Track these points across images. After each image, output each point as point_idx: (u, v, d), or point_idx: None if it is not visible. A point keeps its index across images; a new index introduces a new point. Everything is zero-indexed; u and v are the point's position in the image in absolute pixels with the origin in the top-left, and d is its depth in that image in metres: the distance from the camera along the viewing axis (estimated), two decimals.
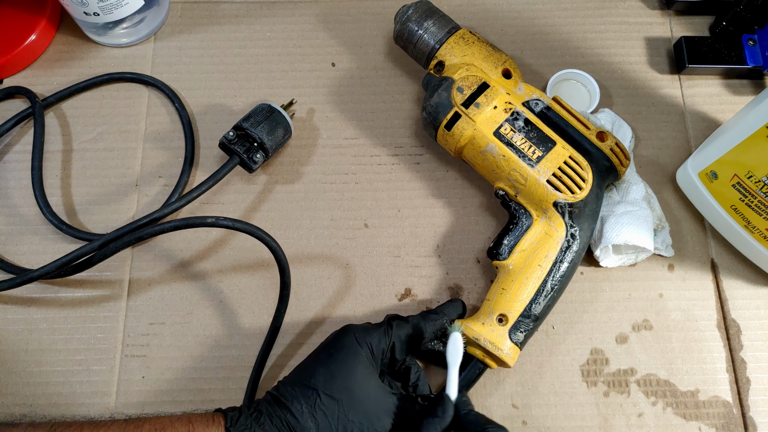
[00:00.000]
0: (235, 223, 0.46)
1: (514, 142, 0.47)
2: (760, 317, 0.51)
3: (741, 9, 0.57)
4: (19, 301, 0.52)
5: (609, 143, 0.48)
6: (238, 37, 0.61)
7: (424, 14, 0.52)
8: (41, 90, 0.58)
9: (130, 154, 0.57)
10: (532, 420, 0.48)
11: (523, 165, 0.47)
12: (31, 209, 0.54)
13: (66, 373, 0.50)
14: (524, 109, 0.48)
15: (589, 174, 0.47)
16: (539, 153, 0.47)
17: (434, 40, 0.52)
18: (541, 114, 0.49)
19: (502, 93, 0.48)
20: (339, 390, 0.40)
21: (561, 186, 0.46)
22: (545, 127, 0.48)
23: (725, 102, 0.58)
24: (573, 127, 0.48)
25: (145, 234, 0.47)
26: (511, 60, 0.51)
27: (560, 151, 0.47)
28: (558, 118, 0.49)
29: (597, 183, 0.47)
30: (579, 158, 0.47)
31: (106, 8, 0.55)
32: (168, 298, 0.52)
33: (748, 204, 0.48)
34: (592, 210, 0.48)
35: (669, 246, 0.52)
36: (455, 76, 0.49)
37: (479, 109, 0.48)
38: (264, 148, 0.52)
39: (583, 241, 0.48)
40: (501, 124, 0.48)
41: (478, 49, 0.50)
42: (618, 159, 0.48)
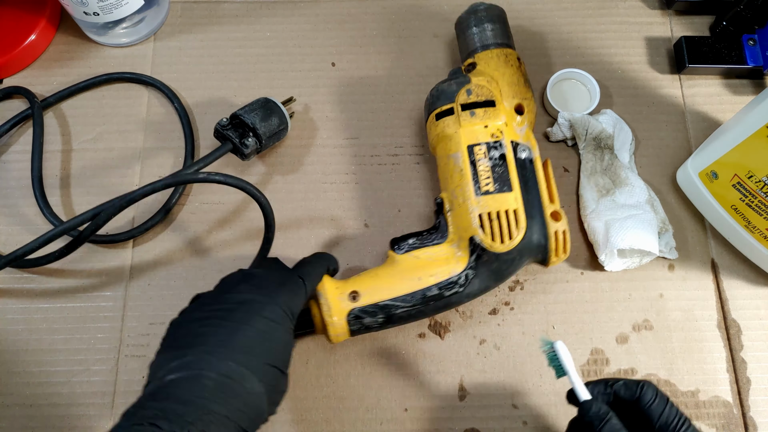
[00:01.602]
0: (227, 178, 0.46)
1: (477, 165, 0.46)
2: (760, 317, 0.51)
3: (741, 9, 0.57)
4: (19, 301, 0.52)
5: (558, 226, 0.46)
6: (237, 37, 0.61)
7: (490, 17, 0.53)
8: (41, 90, 0.58)
9: (130, 154, 0.57)
10: (533, 420, 0.48)
11: (470, 188, 0.46)
12: (31, 209, 0.54)
13: (66, 373, 0.50)
14: (509, 146, 0.47)
15: (518, 237, 0.45)
16: (490, 188, 0.46)
17: (481, 43, 0.52)
18: (520, 161, 0.47)
19: (501, 120, 0.48)
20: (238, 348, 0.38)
21: (486, 227, 0.45)
22: (513, 173, 0.46)
23: (725, 102, 0.58)
24: (538, 191, 0.47)
25: (136, 195, 0.45)
26: (533, 103, 0.50)
27: (509, 199, 0.45)
28: (532, 175, 0.47)
29: (520, 250, 0.45)
30: (520, 218, 0.45)
31: (106, 8, 0.55)
32: (168, 298, 0.52)
33: (749, 204, 0.48)
34: (498, 270, 0.46)
35: (672, 248, 0.52)
36: (474, 79, 0.49)
37: (471, 118, 0.48)
38: (257, 134, 0.52)
39: (472, 289, 0.46)
40: (479, 143, 0.47)
41: (510, 73, 0.50)
42: (554, 245, 0.46)
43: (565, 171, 0.56)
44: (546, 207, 0.46)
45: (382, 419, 0.48)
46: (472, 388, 0.49)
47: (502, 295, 0.52)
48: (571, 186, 0.55)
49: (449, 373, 0.50)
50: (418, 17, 0.62)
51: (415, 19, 0.62)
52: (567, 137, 0.56)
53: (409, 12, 0.62)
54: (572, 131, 0.55)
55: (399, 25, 0.61)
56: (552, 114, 0.57)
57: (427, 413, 0.48)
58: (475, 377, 0.49)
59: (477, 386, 0.49)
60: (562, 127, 0.55)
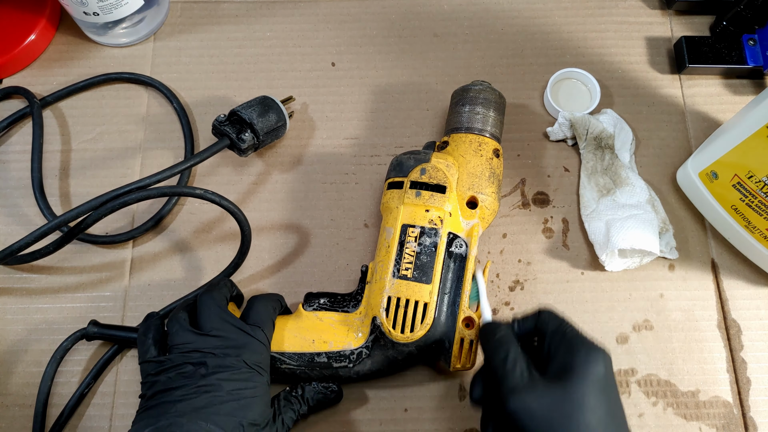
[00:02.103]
0: (221, 199, 0.47)
1: (405, 247, 0.44)
2: (760, 317, 0.51)
3: (741, 9, 0.57)
4: (19, 301, 0.51)
5: (467, 333, 0.43)
6: (237, 37, 0.61)
7: (483, 101, 0.50)
8: (41, 90, 0.58)
9: (130, 154, 0.57)
10: None
11: (390, 268, 0.44)
12: (31, 209, 0.54)
13: (66, 374, 0.49)
14: (444, 237, 0.44)
15: (419, 332, 0.42)
16: (408, 274, 0.44)
17: (461, 124, 0.50)
18: (452, 255, 0.45)
19: (445, 208, 0.45)
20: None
21: (391, 312, 0.43)
22: (438, 265, 0.44)
23: (726, 102, 0.58)
24: (459, 291, 0.44)
25: (130, 200, 0.46)
26: (493, 200, 0.47)
27: (423, 291, 0.43)
28: (460, 273, 0.45)
29: (420, 346, 0.43)
30: (428, 313, 0.43)
31: (106, 8, 0.55)
32: (168, 298, 0.52)
33: (749, 204, 0.48)
34: (394, 359, 0.44)
35: (673, 248, 0.52)
36: (434, 159, 0.47)
37: (415, 198, 0.46)
38: (254, 129, 0.51)
39: (362, 368, 0.44)
40: (414, 225, 0.45)
41: (475, 164, 0.47)
42: (458, 352, 0.43)
43: (565, 171, 0.56)
44: (462, 307, 0.43)
45: (382, 419, 0.48)
46: None
47: (502, 295, 0.52)
48: (572, 186, 0.55)
49: (449, 373, 0.50)
50: (418, 17, 0.62)
51: (415, 19, 0.62)
52: (567, 137, 0.56)
53: (409, 12, 0.62)
54: (573, 131, 0.55)
55: (399, 24, 0.61)
56: (552, 114, 0.57)
57: (427, 413, 0.48)
58: None
59: None
60: (562, 127, 0.55)
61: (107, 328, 0.48)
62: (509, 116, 0.58)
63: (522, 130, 0.57)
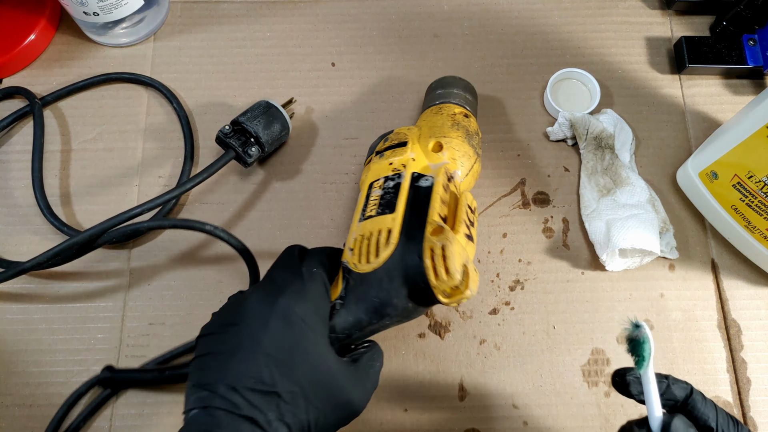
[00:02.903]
0: (230, 238, 0.48)
1: (370, 196, 0.43)
2: (760, 317, 0.51)
3: (741, 9, 0.57)
4: (18, 301, 0.51)
5: (435, 240, 0.38)
6: (237, 37, 0.61)
7: (448, 83, 0.53)
8: (41, 90, 0.58)
9: (130, 155, 0.56)
10: (533, 420, 0.48)
11: (356, 218, 0.43)
12: (31, 209, 0.54)
13: (66, 374, 0.49)
14: (408, 177, 0.43)
15: (384, 253, 0.39)
16: (372, 213, 0.42)
17: (427, 104, 0.53)
18: (417, 188, 0.42)
19: (408, 156, 0.45)
20: (302, 383, 0.35)
21: (356, 249, 0.40)
22: (403, 198, 0.41)
23: (726, 102, 0.58)
24: (426, 211, 0.40)
25: (143, 227, 0.47)
26: (459, 142, 0.46)
27: (386, 220, 0.40)
28: (425, 200, 0.41)
29: (388, 269, 0.39)
30: (393, 235, 0.39)
31: (106, 8, 0.55)
32: (168, 298, 0.52)
33: (749, 204, 0.48)
34: (365, 295, 0.39)
35: (673, 248, 0.52)
36: (397, 129, 0.49)
37: (380, 159, 0.46)
38: (260, 143, 0.52)
39: (344, 323, 0.39)
40: (378, 179, 0.44)
41: (435, 120, 0.49)
42: (430, 263, 0.38)
43: (565, 170, 0.56)
44: (429, 224, 0.39)
45: (382, 419, 0.48)
46: (472, 388, 0.49)
47: (503, 294, 0.52)
48: (572, 186, 0.55)
49: (449, 373, 0.50)
50: (418, 17, 0.62)
51: (416, 19, 0.62)
52: (567, 137, 0.56)
53: (410, 12, 0.62)
54: (573, 131, 0.55)
55: (399, 25, 0.61)
56: (552, 114, 0.57)
57: (427, 413, 0.48)
58: (475, 377, 0.49)
59: (477, 386, 0.49)
60: (562, 127, 0.55)
61: (124, 373, 0.48)
62: (509, 116, 0.58)
63: (522, 130, 0.57)
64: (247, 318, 0.36)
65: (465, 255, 0.39)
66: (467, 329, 0.51)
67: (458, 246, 0.39)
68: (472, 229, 0.43)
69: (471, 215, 0.44)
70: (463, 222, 0.41)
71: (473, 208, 0.45)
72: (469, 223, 0.43)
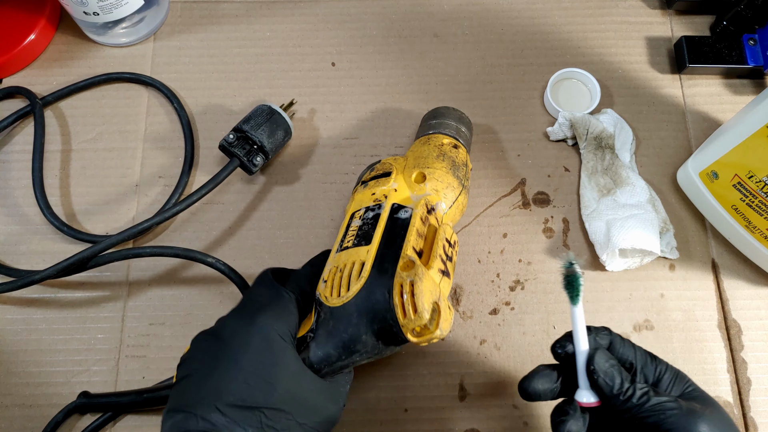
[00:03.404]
0: (231, 272, 0.48)
1: (350, 227, 0.42)
2: (760, 317, 0.51)
3: (742, 8, 0.57)
4: (18, 302, 0.51)
5: (404, 276, 0.36)
6: (237, 37, 0.61)
7: (439, 115, 0.51)
8: (40, 90, 0.58)
9: (130, 155, 0.56)
10: (533, 420, 0.48)
11: (334, 248, 0.42)
12: (31, 209, 0.54)
13: (66, 374, 0.49)
14: (387, 208, 0.42)
15: (353, 290, 0.37)
16: (349, 244, 0.40)
17: (418, 135, 0.52)
18: (396, 221, 0.41)
19: (390, 186, 0.44)
20: (282, 399, 0.34)
21: (329, 281, 0.39)
22: (380, 229, 0.40)
23: (726, 102, 0.58)
24: (402, 244, 0.39)
25: (145, 253, 0.48)
26: (443, 174, 0.45)
27: (361, 252, 0.39)
28: (403, 232, 0.39)
29: (357, 304, 0.37)
30: (365, 270, 0.38)
31: (106, 8, 0.55)
32: (168, 298, 0.52)
33: (749, 204, 0.48)
34: (335, 331, 0.37)
35: (674, 248, 0.52)
36: (384, 159, 0.48)
37: (363, 189, 0.45)
38: (264, 151, 0.52)
39: (313, 357, 0.37)
40: (361, 209, 0.43)
41: (422, 150, 0.47)
42: (398, 300, 0.36)
43: (565, 170, 0.56)
44: (401, 258, 0.38)
45: (382, 419, 0.48)
46: (473, 388, 0.49)
47: (503, 294, 0.52)
48: (572, 186, 0.55)
49: (449, 373, 0.50)
50: (418, 17, 0.62)
51: (416, 18, 0.62)
52: (567, 136, 0.56)
53: (410, 12, 0.62)
54: (573, 131, 0.55)
55: (399, 24, 0.61)
56: (552, 113, 0.57)
57: (427, 413, 0.48)
58: (476, 377, 0.49)
59: (477, 386, 0.49)
60: (562, 127, 0.55)
61: (100, 398, 0.47)
62: (509, 116, 0.58)
63: (522, 130, 0.57)
64: (226, 338, 0.36)
65: (437, 292, 0.37)
66: (467, 329, 0.51)
67: (429, 282, 0.37)
68: (449, 264, 0.41)
69: (449, 249, 0.42)
70: (438, 257, 0.40)
71: (453, 242, 0.43)
72: (446, 257, 0.41)
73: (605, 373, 0.35)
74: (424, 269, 0.37)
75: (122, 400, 0.46)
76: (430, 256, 0.39)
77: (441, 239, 0.41)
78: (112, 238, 0.48)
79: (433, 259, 0.39)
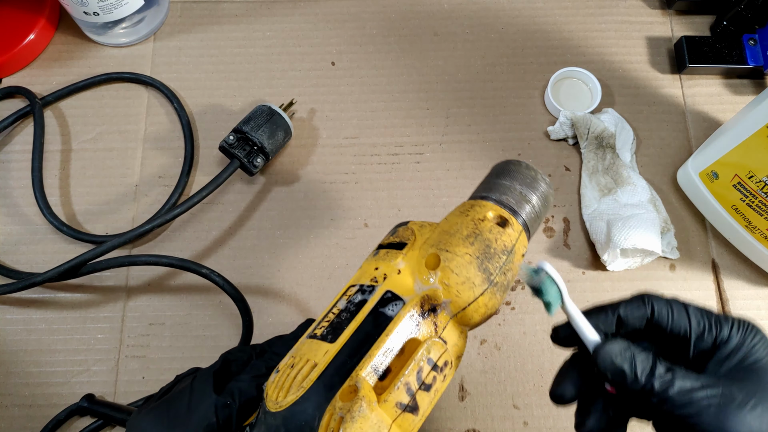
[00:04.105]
0: (225, 284, 0.48)
1: (334, 307, 0.34)
2: (761, 317, 0.51)
3: (742, 8, 0.57)
4: (18, 303, 0.51)
5: (339, 405, 0.28)
6: (237, 37, 0.61)
7: (508, 172, 0.38)
8: (40, 89, 0.58)
9: (130, 155, 0.56)
10: (534, 420, 0.48)
11: (309, 331, 0.33)
12: (30, 209, 0.54)
13: (66, 374, 0.49)
14: (378, 296, 0.33)
15: (288, 399, 0.29)
16: (318, 333, 0.32)
17: (473, 195, 0.39)
18: (379, 316, 0.32)
19: (395, 264, 0.34)
20: None
21: (278, 375, 0.31)
22: (354, 324, 0.31)
23: (726, 102, 0.58)
24: (366, 354, 0.30)
25: (140, 261, 0.48)
26: (464, 263, 0.32)
27: (320, 351, 0.31)
28: (375, 334, 0.31)
29: (285, 417, 0.29)
30: (311, 376, 0.29)
31: (106, 8, 0.55)
32: (168, 298, 0.52)
33: (749, 204, 0.48)
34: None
35: (674, 248, 0.52)
36: (411, 222, 0.38)
37: (373, 258, 0.36)
38: (264, 152, 0.52)
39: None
40: (355, 285, 0.35)
41: (453, 222, 0.35)
42: None
43: (566, 170, 0.56)
44: (349, 379, 0.29)
45: None
46: (473, 388, 0.49)
47: None
48: (573, 185, 0.55)
49: None
50: (418, 16, 0.62)
51: (416, 17, 0.62)
52: (568, 136, 0.56)
53: (410, 11, 0.62)
54: (573, 130, 0.55)
55: (399, 23, 0.61)
56: (553, 113, 0.57)
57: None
58: (476, 377, 0.49)
59: (477, 386, 0.49)
60: (563, 126, 0.55)
61: (100, 406, 0.47)
62: (510, 115, 0.58)
63: (523, 129, 0.57)
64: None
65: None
66: None
67: (366, 424, 0.27)
68: (420, 396, 0.30)
69: (428, 375, 0.30)
70: (403, 385, 0.29)
71: (441, 363, 0.31)
72: (418, 386, 0.30)
73: (613, 372, 0.30)
74: (367, 403, 0.28)
75: (116, 415, 0.47)
76: (392, 381, 0.29)
77: (420, 359, 0.30)
78: (113, 241, 0.48)
79: (391, 388, 0.29)
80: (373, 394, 0.28)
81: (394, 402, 0.29)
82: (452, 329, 0.33)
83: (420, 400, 0.30)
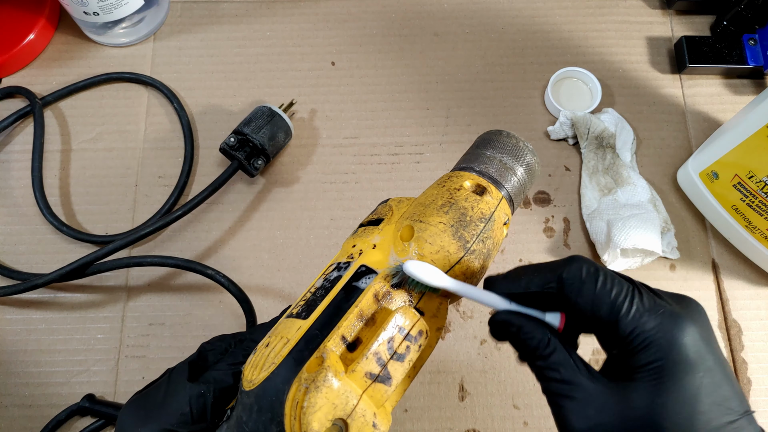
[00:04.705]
0: (230, 285, 0.48)
1: (309, 289, 0.33)
2: (761, 318, 0.51)
3: (742, 8, 0.57)
4: (18, 303, 0.51)
5: (307, 377, 0.27)
6: (237, 37, 0.61)
7: (489, 141, 0.37)
8: (40, 89, 0.58)
9: (130, 155, 0.56)
10: (534, 420, 0.48)
11: (287, 311, 0.33)
12: (30, 209, 0.54)
13: (66, 374, 0.49)
14: (352, 270, 0.32)
15: (261, 375, 0.29)
16: (294, 311, 0.32)
17: (457, 167, 0.37)
18: (353, 291, 0.31)
19: (371, 240, 0.34)
20: None
21: (254, 355, 0.31)
22: (328, 300, 0.31)
23: (726, 102, 0.58)
24: (335, 326, 0.29)
25: (145, 262, 0.48)
26: (438, 232, 0.32)
27: (293, 328, 0.31)
28: (350, 302, 0.30)
29: (258, 394, 0.29)
30: (282, 352, 0.29)
31: (106, 8, 0.55)
32: (167, 298, 0.52)
33: (749, 204, 0.48)
34: (239, 421, 0.30)
35: (674, 248, 0.52)
36: (391, 199, 0.38)
37: (352, 237, 0.36)
38: (265, 154, 0.52)
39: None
40: (334, 263, 0.34)
41: (432, 192, 0.34)
42: (289, 407, 0.28)
43: (566, 170, 0.56)
44: (317, 350, 0.29)
45: None
46: (473, 388, 0.49)
47: None
48: (573, 185, 0.55)
49: (449, 373, 0.49)
50: (418, 16, 0.62)
51: (416, 17, 0.62)
52: (568, 136, 0.56)
53: (410, 11, 0.62)
54: (574, 130, 0.55)
55: (399, 23, 0.61)
56: (553, 113, 0.57)
57: (427, 413, 0.48)
58: (476, 377, 0.49)
59: (477, 386, 0.49)
60: (563, 126, 0.55)
61: (101, 405, 0.48)
62: (510, 115, 0.58)
63: (523, 129, 0.57)
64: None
65: (347, 406, 0.27)
66: (468, 329, 0.51)
67: (332, 394, 0.27)
68: (392, 366, 0.29)
69: (401, 344, 0.29)
70: (372, 355, 0.28)
71: (414, 333, 0.29)
72: (389, 356, 0.29)
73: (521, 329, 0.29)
74: (333, 373, 0.27)
75: (114, 414, 0.47)
76: (361, 352, 0.29)
77: (390, 328, 0.29)
78: (119, 242, 0.48)
79: (359, 359, 0.28)
80: (340, 365, 0.28)
81: (363, 372, 0.28)
82: (430, 300, 0.32)
83: (393, 371, 0.29)
